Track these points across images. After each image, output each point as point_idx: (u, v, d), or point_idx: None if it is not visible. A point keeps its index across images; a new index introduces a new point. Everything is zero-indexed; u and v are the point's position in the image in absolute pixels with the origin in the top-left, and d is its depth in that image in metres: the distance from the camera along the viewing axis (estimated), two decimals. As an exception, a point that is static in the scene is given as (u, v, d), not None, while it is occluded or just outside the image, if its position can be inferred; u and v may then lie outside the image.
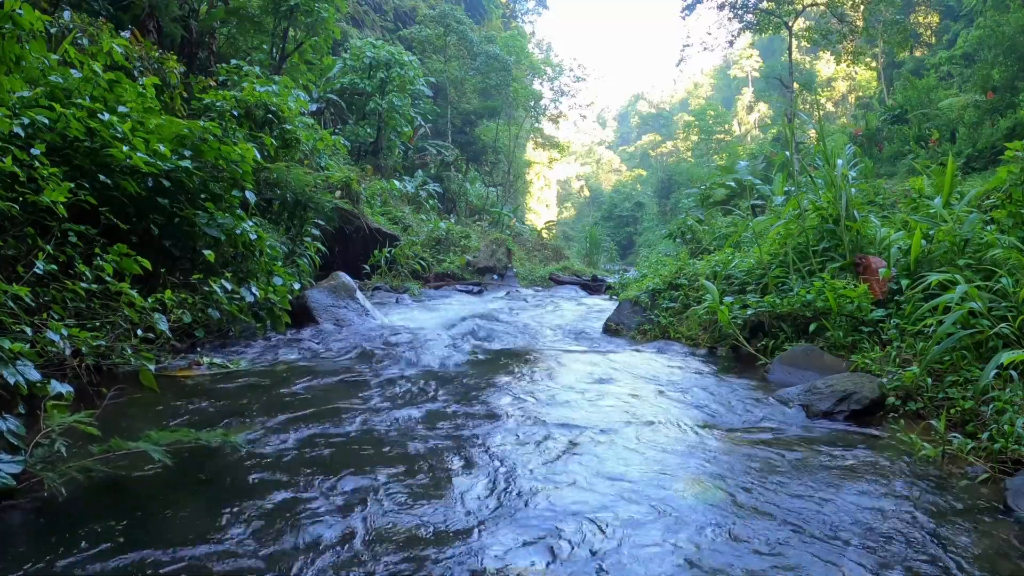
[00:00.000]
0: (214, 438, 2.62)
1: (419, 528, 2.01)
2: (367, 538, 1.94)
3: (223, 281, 4.62)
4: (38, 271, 3.27)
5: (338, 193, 10.46)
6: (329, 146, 10.03)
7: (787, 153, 11.01)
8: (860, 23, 25.47)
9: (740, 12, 25.35)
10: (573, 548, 1.90)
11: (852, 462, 2.67)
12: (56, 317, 3.24)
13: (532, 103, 32.02)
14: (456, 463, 2.60)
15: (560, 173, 69.07)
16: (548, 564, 1.81)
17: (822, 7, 24.33)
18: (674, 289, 6.51)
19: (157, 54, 7.27)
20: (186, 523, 2.00)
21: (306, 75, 14.50)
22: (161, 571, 1.73)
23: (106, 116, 4.18)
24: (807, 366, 4.17)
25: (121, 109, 4.49)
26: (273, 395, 3.60)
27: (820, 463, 2.65)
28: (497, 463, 2.59)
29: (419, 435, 2.94)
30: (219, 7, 12.46)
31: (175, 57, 7.36)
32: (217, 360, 4.31)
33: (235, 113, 6.97)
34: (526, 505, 2.20)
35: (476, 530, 2.01)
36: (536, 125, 36.22)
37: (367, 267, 10.97)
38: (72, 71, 4.45)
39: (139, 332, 3.60)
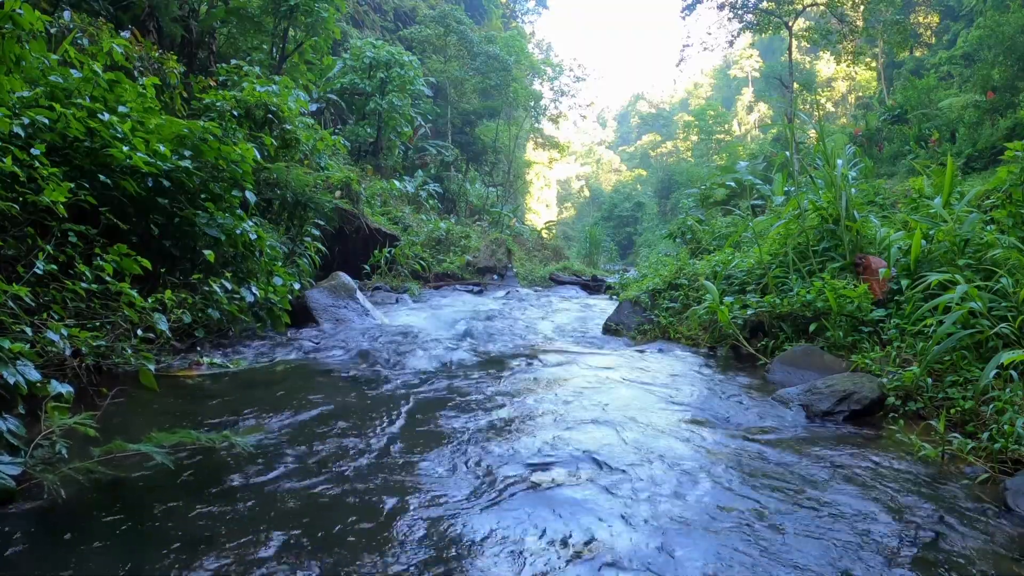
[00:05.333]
0: (218, 440, 2.61)
1: (414, 533, 2.01)
2: (370, 542, 1.94)
3: (223, 281, 4.62)
4: (38, 271, 3.27)
5: (338, 193, 10.45)
6: (329, 146, 10.02)
7: (787, 153, 11.00)
8: (860, 23, 25.46)
9: (740, 12, 25.33)
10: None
11: (852, 462, 2.67)
12: (56, 317, 3.24)
13: (532, 103, 31.97)
14: (453, 466, 2.60)
15: (560, 173, 69.09)
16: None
17: (822, 7, 24.31)
18: (674, 289, 6.51)
19: (157, 54, 7.27)
20: (187, 525, 2.00)
21: (306, 75, 14.49)
22: (161, 574, 1.73)
23: (106, 116, 4.18)
24: (807, 366, 4.17)
25: (121, 109, 4.49)
26: (273, 395, 3.60)
27: (820, 463, 2.65)
28: (496, 463, 2.59)
29: (418, 435, 2.94)
30: (219, 7, 12.45)
31: (175, 57, 7.35)
32: (217, 360, 4.31)
33: (235, 113, 6.97)
34: (516, 515, 2.20)
35: (490, 535, 2.01)
36: (536, 125, 36.18)
37: (367, 267, 10.97)
38: (72, 71, 4.45)
39: (139, 332, 3.60)
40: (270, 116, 7.52)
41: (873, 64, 32.75)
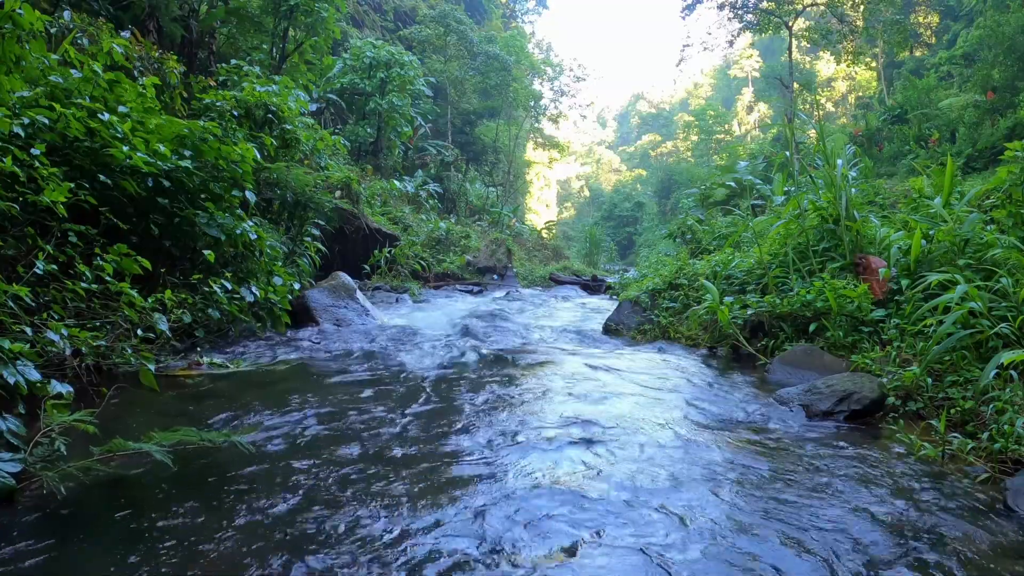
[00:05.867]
0: (218, 439, 2.62)
1: (413, 534, 2.01)
2: (367, 540, 1.94)
3: (223, 281, 4.62)
4: (38, 271, 3.27)
5: (338, 193, 10.44)
6: (329, 146, 10.01)
7: (787, 153, 11.01)
8: (860, 23, 25.44)
9: (740, 12, 25.34)
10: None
11: (852, 462, 2.67)
12: (56, 317, 3.24)
13: (532, 103, 31.99)
14: (452, 467, 2.60)
15: (560, 173, 69.04)
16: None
17: (822, 7, 24.32)
18: (674, 289, 6.51)
19: (157, 54, 7.26)
20: (187, 523, 2.00)
21: (306, 75, 14.47)
22: (162, 571, 1.73)
23: (106, 116, 4.18)
24: (807, 366, 4.17)
25: (121, 109, 4.49)
26: (273, 395, 3.60)
27: (819, 463, 2.65)
28: (495, 462, 2.59)
29: (417, 435, 2.94)
30: (219, 7, 12.45)
31: (175, 57, 7.35)
32: (217, 360, 4.31)
33: (235, 113, 6.96)
34: (517, 517, 2.20)
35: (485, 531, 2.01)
36: (536, 125, 36.21)
37: (367, 267, 10.97)
38: (72, 71, 4.44)
39: (139, 332, 3.60)
40: (270, 116, 7.51)
41: (873, 64, 32.74)
